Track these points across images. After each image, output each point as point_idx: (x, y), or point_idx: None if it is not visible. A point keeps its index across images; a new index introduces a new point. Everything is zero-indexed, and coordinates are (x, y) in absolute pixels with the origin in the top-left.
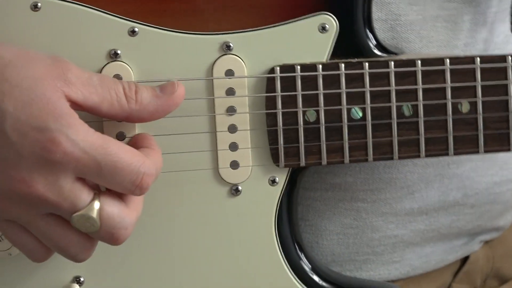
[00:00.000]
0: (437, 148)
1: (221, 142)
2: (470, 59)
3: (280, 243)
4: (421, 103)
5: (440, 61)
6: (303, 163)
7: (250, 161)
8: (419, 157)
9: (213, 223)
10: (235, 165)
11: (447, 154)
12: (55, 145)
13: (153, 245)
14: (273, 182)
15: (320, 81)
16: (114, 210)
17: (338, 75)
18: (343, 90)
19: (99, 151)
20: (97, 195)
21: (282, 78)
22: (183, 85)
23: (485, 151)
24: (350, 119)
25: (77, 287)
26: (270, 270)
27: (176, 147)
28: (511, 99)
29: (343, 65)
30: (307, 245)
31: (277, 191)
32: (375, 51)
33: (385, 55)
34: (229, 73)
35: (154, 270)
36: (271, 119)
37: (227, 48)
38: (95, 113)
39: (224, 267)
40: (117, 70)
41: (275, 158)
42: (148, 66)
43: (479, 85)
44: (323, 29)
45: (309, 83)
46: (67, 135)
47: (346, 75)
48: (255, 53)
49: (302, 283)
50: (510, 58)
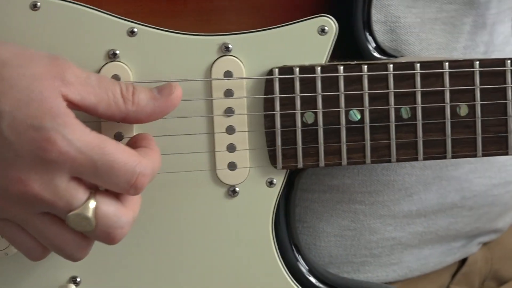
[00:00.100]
0: (435, 151)
1: (219, 143)
2: (469, 63)
3: (277, 244)
4: (419, 106)
5: (439, 64)
6: (300, 165)
7: (247, 163)
8: (417, 159)
9: (211, 224)
10: (232, 166)
11: (445, 157)
12: (51, 144)
13: (150, 246)
14: (271, 183)
15: (318, 83)
16: (110, 209)
17: (336, 77)
18: (342, 92)
19: (95, 151)
20: (93, 194)
21: (280, 79)
22: (180, 87)
23: (483, 155)
24: (348, 121)
25: (73, 287)
26: (267, 271)
27: (174, 148)
28: (509, 102)
29: (341, 67)
30: (304, 246)
31: (275, 193)
32: (375, 53)
33: (384, 58)
34: (228, 74)
35: (151, 270)
36: (269, 121)
37: (226, 49)
38: (92, 113)
39: (221, 268)
40: (115, 70)
41: (273, 159)
42: (146, 66)
43: (478, 88)
44: (322, 31)
45: (308, 85)
46: (63, 134)
47: (344, 77)
48: (254, 54)
49: (299, 284)
50: (509, 62)
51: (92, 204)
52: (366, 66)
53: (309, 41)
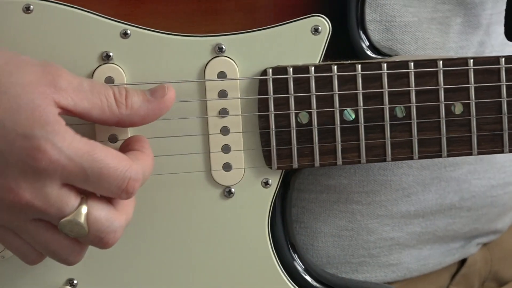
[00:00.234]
0: (431, 149)
1: (214, 144)
2: (463, 61)
3: (273, 244)
4: (414, 105)
5: (433, 62)
6: (295, 165)
7: (242, 163)
8: (412, 158)
9: (207, 225)
10: (227, 167)
11: (440, 155)
12: (41, 152)
13: (145, 248)
14: (266, 184)
15: (312, 83)
16: (102, 214)
17: (330, 77)
18: (336, 92)
19: (85, 158)
20: (85, 199)
21: (274, 80)
22: (173, 88)
23: (479, 153)
24: (342, 121)
25: None
26: (263, 271)
27: (168, 150)
28: (504, 100)
29: (335, 67)
30: (302, 247)
31: (270, 193)
32: (368, 52)
33: (379, 57)
34: (222, 75)
35: (147, 272)
36: (264, 121)
37: (219, 50)
38: (86, 118)
39: (217, 269)
40: (109, 72)
41: (268, 160)
42: (140, 68)
43: (472, 86)
44: (315, 31)
45: (302, 85)
46: (53, 142)
47: (338, 77)
48: (248, 55)
49: (294, 283)
50: (503, 59)
51: (84, 209)
52: (360, 65)
53: (302, 41)
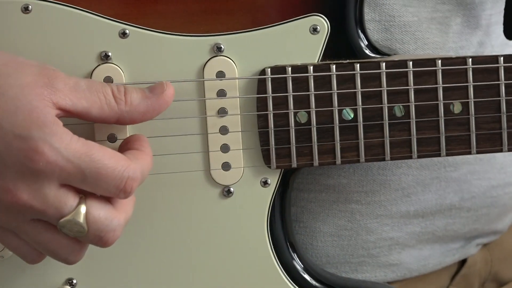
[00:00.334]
0: (429, 148)
1: (213, 143)
2: (462, 60)
3: (272, 243)
4: (412, 104)
5: (431, 62)
6: (294, 164)
7: (241, 163)
8: (411, 157)
9: (205, 224)
10: (226, 166)
11: (439, 154)
12: (39, 154)
13: (145, 247)
14: (265, 183)
15: (311, 82)
16: (101, 213)
17: (329, 76)
18: (335, 91)
19: (83, 159)
20: (83, 199)
21: (273, 79)
22: (172, 85)
23: (478, 152)
24: (341, 120)
25: None
26: (262, 270)
27: (167, 149)
28: (503, 99)
29: (334, 66)
30: (301, 246)
31: (269, 193)
32: (367, 51)
33: (377, 56)
34: (220, 74)
35: (146, 272)
36: (262, 121)
37: (218, 49)
38: (85, 118)
39: (216, 269)
40: (108, 72)
41: (267, 159)
42: (139, 68)
43: (471, 85)
44: (314, 30)
45: (300, 84)
46: (51, 143)
47: (337, 76)
48: (246, 54)
49: (293, 282)
50: (501, 58)
51: (83, 209)
52: (358, 64)
53: (301, 41)
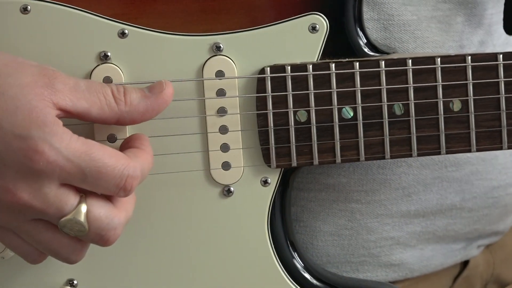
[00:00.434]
0: (429, 147)
1: (212, 143)
2: (461, 58)
3: (272, 242)
4: (412, 102)
5: (431, 59)
6: (294, 163)
7: (241, 162)
8: (411, 156)
9: (206, 224)
10: (226, 166)
11: (439, 152)
12: (39, 153)
13: (146, 247)
14: (265, 182)
15: (310, 81)
16: (101, 212)
17: (328, 75)
18: (334, 89)
19: (83, 158)
20: (84, 198)
21: (272, 78)
22: (171, 84)
23: (478, 150)
24: (341, 118)
25: None
26: (262, 269)
27: (167, 148)
28: (502, 97)
29: (333, 65)
30: (301, 246)
31: (270, 192)
32: (365, 49)
33: (377, 55)
34: (220, 74)
35: (146, 272)
36: (262, 120)
37: (217, 49)
38: (86, 118)
39: (217, 268)
40: (107, 72)
41: (267, 158)
42: (138, 67)
43: (470, 83)
44: (313, 29)
45: (300, 83)
46: (51, 143)
47: (336, 74)
48: (246, 53)
49: (293, 281)
50: (501, 56)
51: (83, 208)
52: (357, 63)
53: (300, 39)
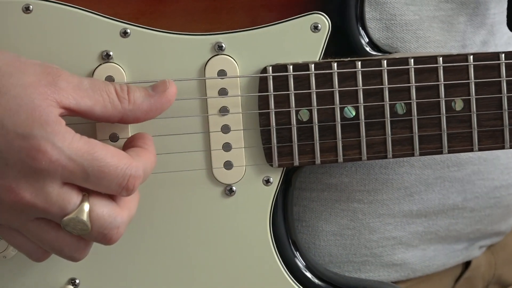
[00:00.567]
0: (431, 146)
1: (215, 142)
2: (463, 57)
3: (274, 241)
4: (414, 102)
5: (433, 59)
6: (296, 162)
7: (243, 161)
8: (413, 155)
9: (208, 223)
10: (228, 165)
11: (441, 152)
12: (41, 153)
13: (147, 246)
14: (267, 182)
15: (312, 80)
16: (104, 211)
17: (330, 74)
18: (336, 89)
19: (85, 157)
20: (86, 196)
21: (274, 77)
22: (174, 83)
23: (480, 149)
24: (343, 118)
25: None
26: (264, 268)
27: (169, 148)
28: (504, 96)
29: (335, 64)
30: (304, 246)
31: (272, 191)
32: (367, 48)
33: (379, 54)
34: (222, 73)
35: (149, 270)
36: (264, 119)
37: (219, 48)
38: (89, 116)
39: (219, 267)
40: (109, 71)
41: (269, 157)
42: (140, 67)
43: (472, 82)
44: (315, 28)
45: (302, 82)
46: (53, 142)
47: (338, 74)
48: (248, 53)
49: (295, 280)
50: (503, 55)
51: (86, 207)
52: (360, 62)
53: (302, 39)
